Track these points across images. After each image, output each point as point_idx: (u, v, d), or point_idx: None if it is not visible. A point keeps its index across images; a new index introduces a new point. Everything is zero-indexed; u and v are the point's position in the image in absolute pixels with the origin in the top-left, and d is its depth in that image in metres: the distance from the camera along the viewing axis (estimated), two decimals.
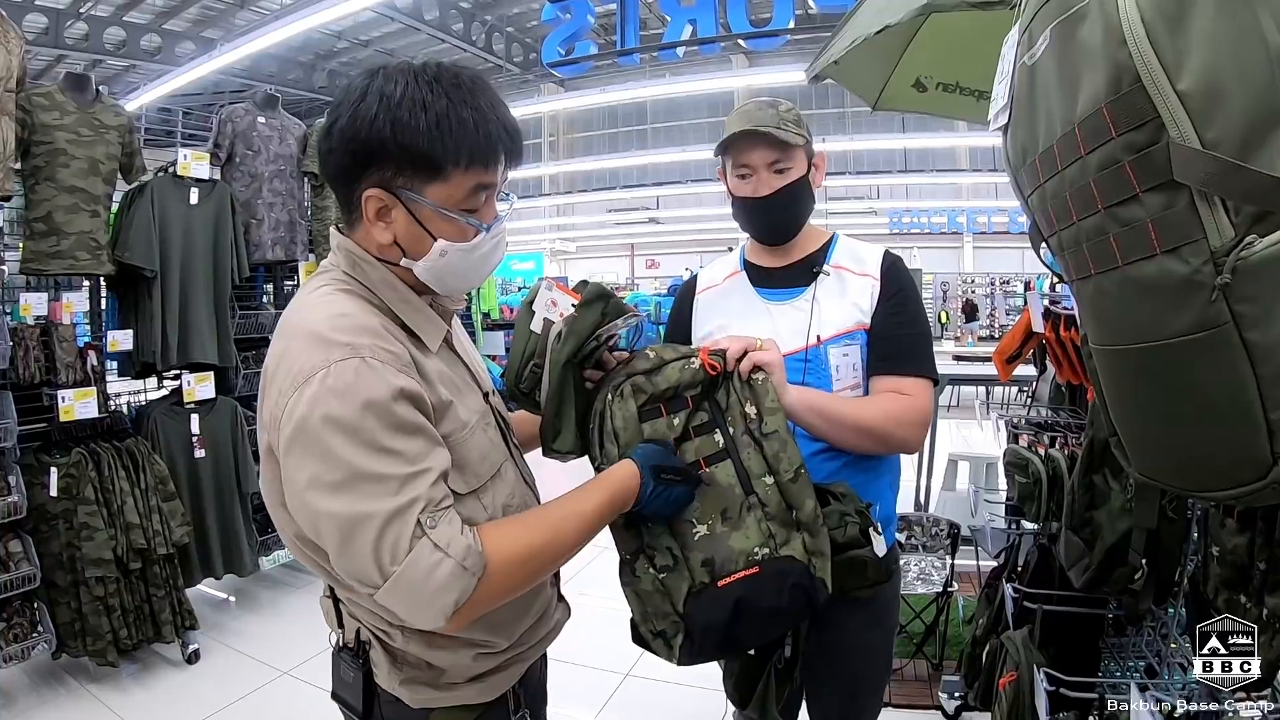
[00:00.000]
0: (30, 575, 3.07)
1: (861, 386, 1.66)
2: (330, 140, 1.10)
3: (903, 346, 1.65)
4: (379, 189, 1.09)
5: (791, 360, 1.63)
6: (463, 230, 1.13)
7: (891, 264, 1.72)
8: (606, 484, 1.21)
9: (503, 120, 1.11)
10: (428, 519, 1.00)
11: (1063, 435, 2.27)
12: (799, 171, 1.70)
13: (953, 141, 17.55)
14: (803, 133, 1.69)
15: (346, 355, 1.01)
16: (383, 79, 1.08)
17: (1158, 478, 1.02)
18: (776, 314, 1.72)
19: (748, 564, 1.27)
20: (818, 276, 1.71)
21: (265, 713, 3.13)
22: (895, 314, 1.67)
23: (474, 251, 1.16)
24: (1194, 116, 0.77)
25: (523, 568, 1.09)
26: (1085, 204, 0.91)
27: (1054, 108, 0.95)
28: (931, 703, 3.01)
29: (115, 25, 12.02)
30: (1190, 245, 0.79)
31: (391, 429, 1.01)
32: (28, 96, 3.16)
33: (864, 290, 1.68)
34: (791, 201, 1.70)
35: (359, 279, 1.15)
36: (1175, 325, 0.83)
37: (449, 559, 0.99)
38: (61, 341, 3.28)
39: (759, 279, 1.79)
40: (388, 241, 1.13)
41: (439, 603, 1.00)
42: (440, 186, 1.10)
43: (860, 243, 1.80)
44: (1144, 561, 1.57)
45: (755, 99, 1.73)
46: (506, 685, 1.27)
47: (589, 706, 3.07)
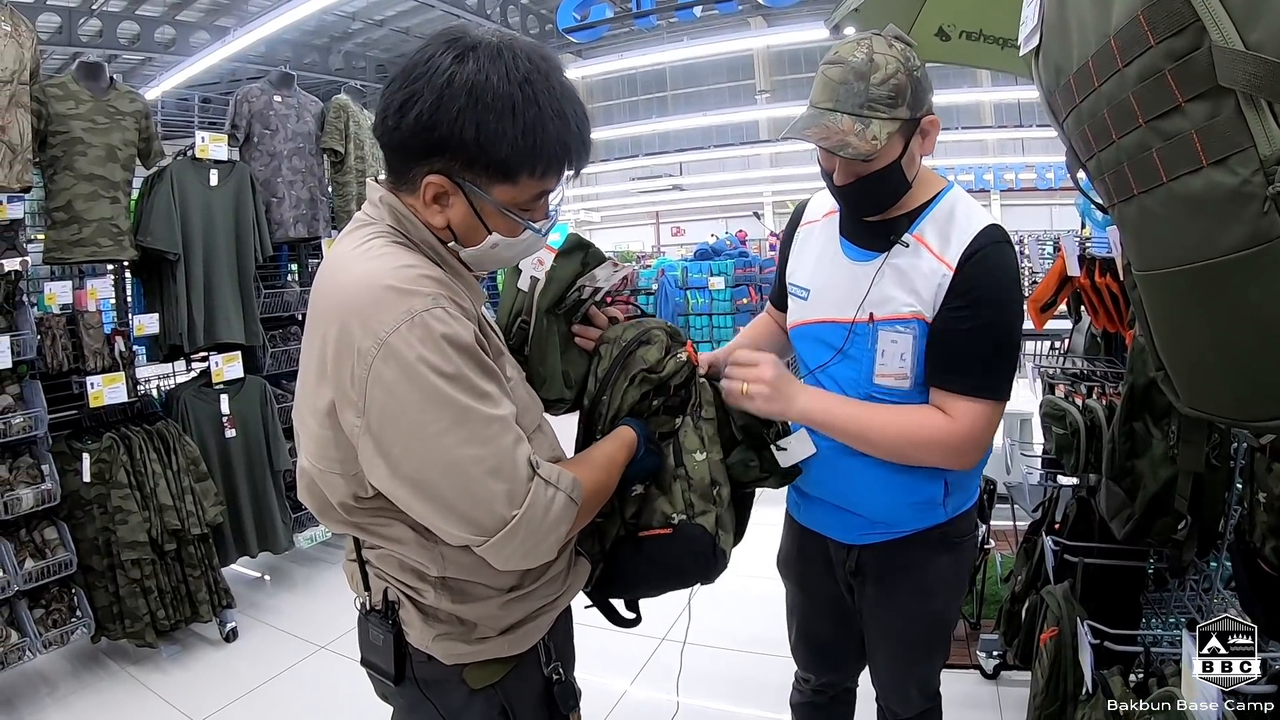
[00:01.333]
0: (67, 561, 3.11)
1: (909, 379, 1.49)
2: (403, 118, 1.03)
3: (958, 359, 1.45)
4: (443, 177, 1.06)
5: (835, 329, 1.56)
6: (515, 228, 1.13)
7: (978, 254, 1.44)
8: (624, 440, 1.32)
9: (583, 132, 1.11)
10: (532, 455, 1.06)
11: (1099, 384, 2.22)
12: (887, 158, 1.43)
13: (977, 97, 17.26)
14: (898, 112, 1.40)
15: (429, 305, 0.99)
16: (473, 66, 1.02)
17: (1212, 410, 0.96)
18: (845, 272, 1.57)
19: (663, 524, 1.37)
20: (893, 246, 1.50)
21: (304, 687, 3.17)
22: (961, 319, 1.43)
23: (520, 244, 1.16)
24: (1235, 17, 0.71)
25: (596, 499, 1.20)
26: (1125, 120, 0.86)
27: (1087, 21, 0.90)
28: (970, 661, 2.98)
29: (129, 19, 12.03)
30: (1238, 155, 0.74)
31: (480, 372, 1.03)
32: (42, 88, 3.16)
33: (931, 277, 1.46)
34: (875, 190, 1.49)
35: (407, 234, 1.12)
36: (1226, 242, 0.77)
37: (560, 493, 1.07)
38: (88, 329, 3.30)
39: (848, 228, 1.61)
40: (440, 224, 1.11)
41: (554, 535, 1.08)
42: (508, 188, 1.08)
43: (966, 209, 1.51)
44: (1188, 511, 1.51)
45: (847, 58, 1.41)
46: (536, 637, 1.27)
47: (625, 673, 3.08)
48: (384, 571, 1.21)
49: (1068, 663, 1.81)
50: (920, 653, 1.78)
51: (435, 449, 0.99)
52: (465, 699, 1.22)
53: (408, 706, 1.28)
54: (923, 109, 1.44)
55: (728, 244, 9.30)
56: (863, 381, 1.54)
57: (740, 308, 7.82)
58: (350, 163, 4.36)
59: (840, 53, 1.42)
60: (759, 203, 23.67)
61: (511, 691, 1.25)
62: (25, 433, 3.06)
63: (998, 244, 1.45)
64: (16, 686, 3.18)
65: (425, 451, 0.99)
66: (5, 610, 3.04)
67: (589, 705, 1.48)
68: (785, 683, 2.09)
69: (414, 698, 1.25)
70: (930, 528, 1.62)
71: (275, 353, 4.16)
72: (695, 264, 8.24)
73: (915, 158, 1.50)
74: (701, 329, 7.97)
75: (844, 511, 1.65)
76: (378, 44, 15.83)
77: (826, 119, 1.41)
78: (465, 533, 1.03)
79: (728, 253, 8.46)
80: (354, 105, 4.39)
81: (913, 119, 1.43)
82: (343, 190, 4.41)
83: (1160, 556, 1.92)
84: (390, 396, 0.98)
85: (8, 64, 2.89)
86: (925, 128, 1.47)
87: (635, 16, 6.94)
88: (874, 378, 1.52)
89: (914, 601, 1.69)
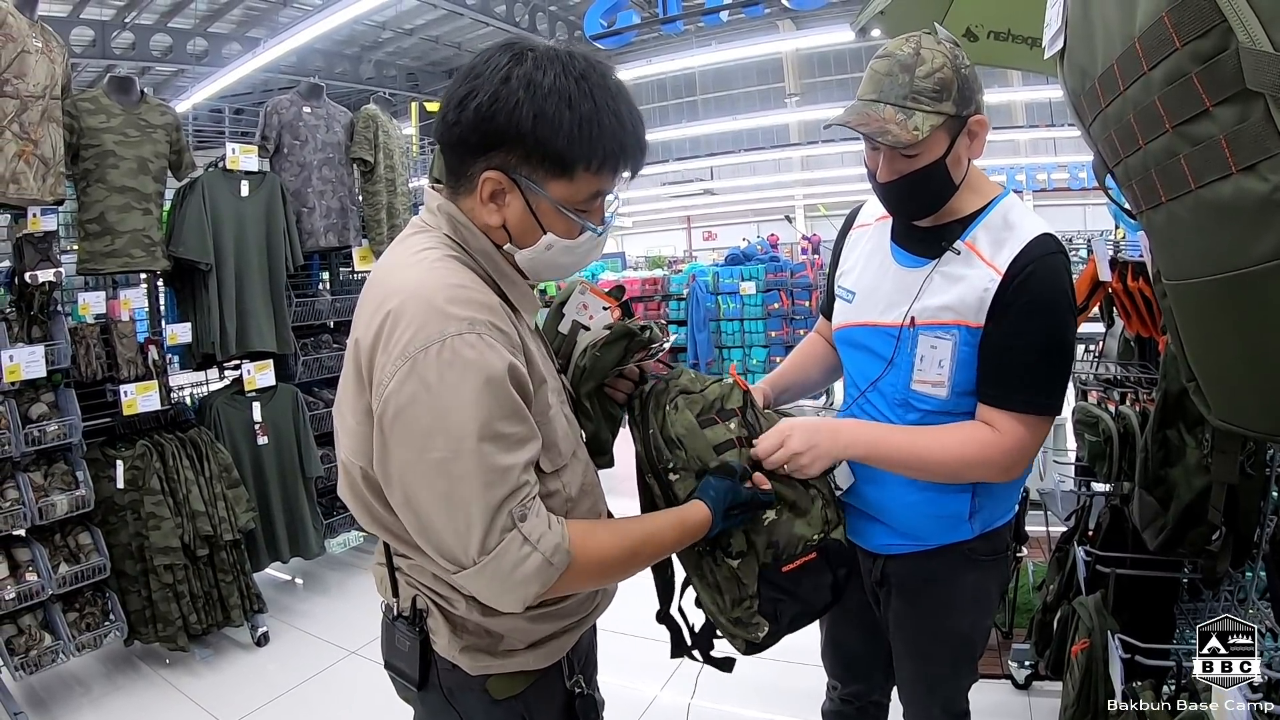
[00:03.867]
0: (100, 566, 3.16)
1: (945, 386, 1.46)
2: (463, 112, 1.06)
3: (1010, 372, 1.42)
4: (500, 172, 1.08)
5: (886, 334, 1.53)
6: (571, 228, 1.13)
7: (1030, 260, 1.39)
8: (684, 523, 1.27)
9: (638, 131, 1.12)
10: (519, 510, 1.02)
11: (1133, 391, 2.18)
12: (932, 155, 1.41)
13: (1008, 97, 17.07)
14: (943, 107, 1.37)
15: (463, 330, 1.00)
16: (531, 64, 1.05)
17: (1241, 423, 0.93)
18: (895, 279, 1.55)
19: (805, 550, 1.37)
20: (944, 252, 1.47)
21: (334, 692, 3.19)
22: (1011, 333, 1.40)
23: (576, 249, 1.15)
24: (1263, 17, 0.69)
25: (598, 572, 1.14)
26: (1151, 124, 0.84)
27: (1111, 23, 0.88)
28: (1001, 671, 2.93)
29: (161, 32, 12.21)
30: (1269, 161, 0.71)
31: (500, 411, 1.01)
32: (73, 102, 3.21)
33: (977, 284, 1.42)
34: (920, 188, 1.45)
35: (462, 244, 1.14)
36: (1257, 250, 0.75)
37: (537, 553, 1.02)
38: (121, 338, 3.35)
39: (900, 234, 1.59)
40: (496, 224, 1.12)
41: (520, 592, 1.04)
42: (564, 185, 1.09)
43: (1020, 215, 1.47)
44: (1222, 521, 1.48)
45: (894, 52, 1.40)
46: (562, 652, 1.27)
47: (654, 680, 3.06)
48: (415, 579, 1.22)
49: (1099, 676, 1.77)
50: (944, 670, 1.74)
51: (428, 474, 1.00)
52: (487, 708, 1.22)
53: (429, 712, 1.29)
54: (970, 108, 1.41)
55: (759, 249, 9.26)
56: (900, 387, 1.52)
57: (771, 313, 7.76)
58: (380, 172, 4.40)
59: (889, 48, 1.41)
60: (790, 206, 23.57)
61: (533, 703, 1.25)
62: (60, 440, 3.11)
63: (1051, 254, 1.41)
64: (51, 688, 3.23)
65: (420, 474, 1.01)
66: (40, 613, 3.09)
67: (619, 711, 1.48)
68: (815, 691, 2.07)
69: (436, 704, 1.26)
70: (956, 543, 1.58)
71: (307, 361, 4.20)
72: (726, 269, 8.19)
73: (962, 159, 1.46)
74: (733, 334, 7.92)
75: (871, 519, 1.63)
76: (408, 52, 15.96)
77: (870, 109, 1.39)
78: (437, 557, 1.05)
79: (759, 258, 8.41)
80: (383, 115, 4.42)
81: (958, 116, 1.40)
82: (372, 199, 4.45)
83: (1194, 567, 1.88)
84: (404, 411, 1.00)
85: (40, 79, 2.94)
86: (973, 128, 1.43)
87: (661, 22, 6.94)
88: (911, 383, 1.50)
89: (936, 617, 1.66)
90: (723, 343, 7.93)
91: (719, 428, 1.41)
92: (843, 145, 18.52)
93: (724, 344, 7.93)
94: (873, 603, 1.74)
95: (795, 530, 1.38)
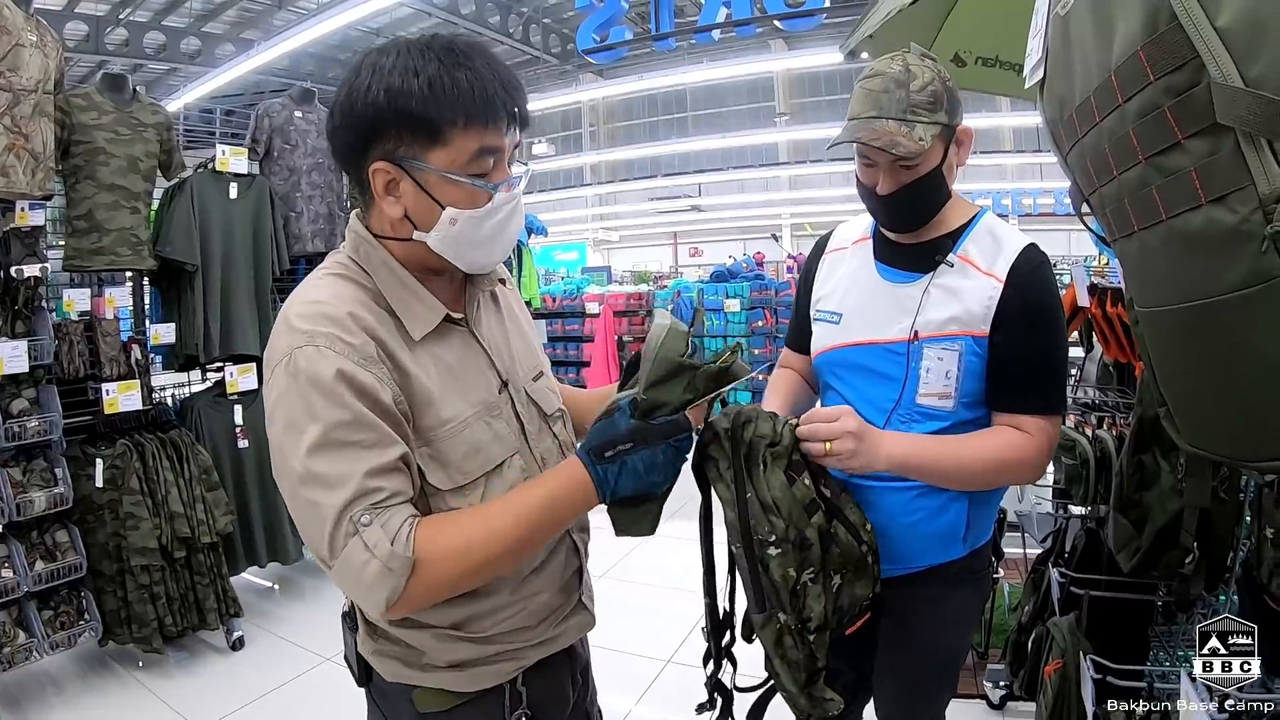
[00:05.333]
0: (77, 564, 3.14)
1: (952, 398, 1.49)
2: (334, 120, 1.10)
3: (1028, 379, 1.47)
4: (384, 161, 1.08)
5: (889, 351, 1.54)
6: (472, 196, 1.09)
7: (1026, 268, 1.46)
8: (545, 479, 1.13)
9: (501, 78, 1.07)
10: (362, 516, 1.00)
11: (1110, 415, 2.21)
12: (930, 163, 1.46)
13: (996, 122, 17.23)
14: (938, 117, 1.43)
15: (303, 343, 1.03)
16: (377, 53, 1.08)
17: (1211, 449, 0.96)
18: (887, 296, 1.57)
19: (862, 610, 1.33)
20: (938, 265, 1.51)
21: (309, 698, 3.16)
22: (1024, 341, 1.45)
23: (487, 219, 1.12)
24: (1235, 53, 0.71)
25: (457, 563, 1.05)
26: (1125, 155, 0.86)
27: (1089, 56, 0.90)
28: (977, 691, 2.94)
29: (155, 30, 12.21)
30: (1237, 193, 0.74)
31: (336, 418, 1.01)
32: (66, 98, 3.21)
33: (980, 293, 1.47)
34: (919, 198, 1.50)
35: (359, 261, 1.15)
36: (1225, 280, 0.77)
37: (375, 560, 0.99)
38: (105, 336, 3.34)
39: (883, 252, 1.62)
40: (398, 216, 1.12)
41: (370, 598, 1.02)
42: (442, 151, 1.06)
43: (1005, 229, 1.54)
44: (1195, 545, 1.50)
45: (884, 70, 1.45)
46: (493, 680, 1.22)
47: (630, 694, 3.06)
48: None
49: (1072, 696, 1.79)
50: (930, 688, 1.75)
51: (288, 480, 1.04)
52: (414, 718, 1.22)
53: (370, 709, 1.32)
54: (957, 117, 1.48)
55: (744, 267, 9.29)
56: (905, 402, 1.53)
57: (755, 330, 7.79)
58: None
59: (876, 68, 1.47)
60: (777, 225, 23.70)
61: None
62: (40, 436, 3.09)
63: (1043, 263, 1.49)
64: (24, 686, 3.20)
65: (283, 479, 1.05)
66: (14, 610, 3.07)
67: None
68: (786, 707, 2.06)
69: (372, 703, 1.30)
70: (948, 562, 1.59)
71: None
72: (711, 285, 8.22)
73: (953, 167, 1.53)
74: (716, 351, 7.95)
75: None
76: None
77: (873, 125, 1.43)
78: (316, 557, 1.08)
79: (744, 275, 8.45)
80: None
81: (950, 126, 1.47)
82: None
83: (1168, 590, 1.90)
84: (269, 424, 1.06)
85: (33, 74, 2.94)
86: (960, 137, 1.51)
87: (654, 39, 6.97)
88: (917, 398, 1.51)
89: (926, 636, 1.66)
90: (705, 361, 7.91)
91: (800, 485, 1.26)
92: (831, 166, 18.64)
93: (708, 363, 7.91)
94: None
95: (856, 591, 1.31)
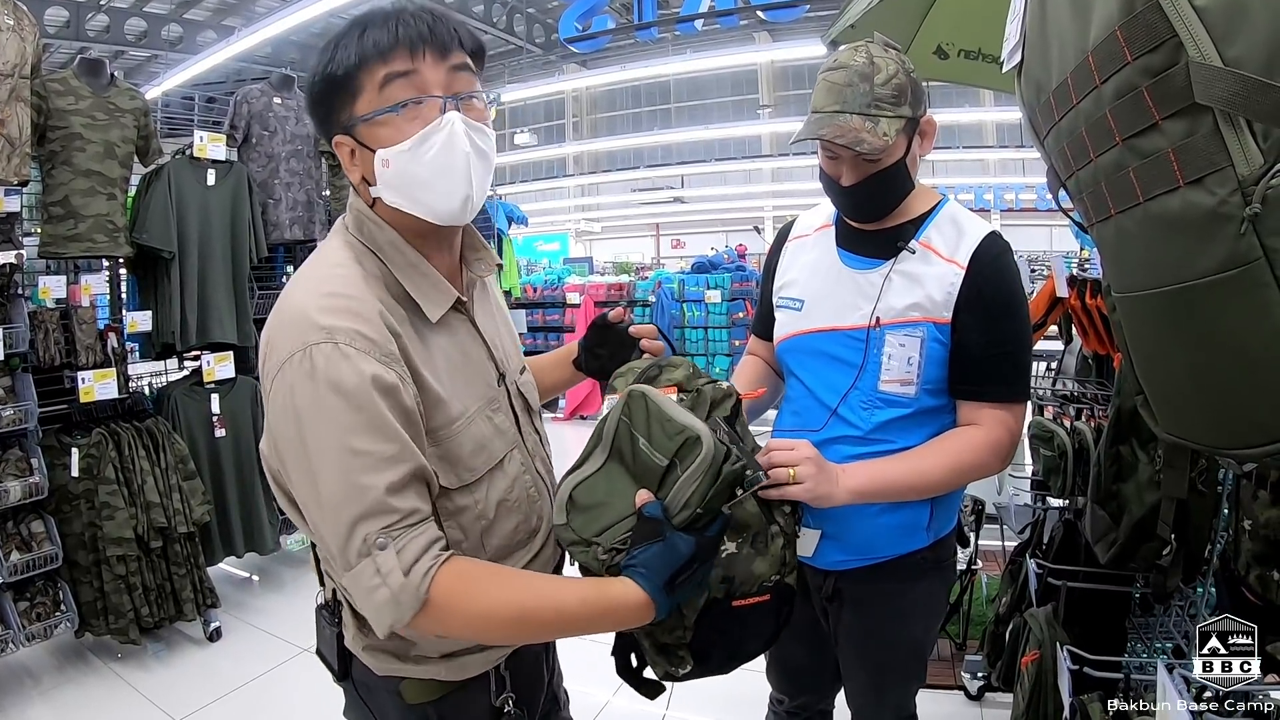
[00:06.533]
0: (52, 555, 3.10)
1: (914, 384, 1.49)
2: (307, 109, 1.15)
3: (985, 366, 1.47)
4: (338, 134, 1.10)
5: (849, 337, 1.54)
6: (397, 129, 1.05)
7: (988, 255, 1.47)
8: (607, 600, 1.03)
9: (399, 19, 1.04)
10: (379, 539, 0.97)
11: (1089, 407, 2.22)
12: (893, 156, 1.47)
13: (979, 117, 17.34)
14: (902, 110, 1.43)
15: (320, 339, 0.98)
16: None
17: (1187, 437, 0.95)
18: (849, 282, 1.57)
19: (761, 590, 1.24)
20: (900, 252, 1.52)
21: (286, 689, 3.15)
22: (982, 329, 1.46)
23: (418, 150, 1.05)
24: (1214, 33, 0.71)
25: (469, 622, 1.03)
26: (1102, 138, 0.85)
27: (1066, 38, 0.89)
28: (954, 683, 2.97)
29: (136, 16, 12.07)
30: (1216, 174, 0.73)
31: (356, 425, 0.97)
32: (43, 83, 3.16)
33: (942, 280, 1.47)
34: (882, 190, 1.51)
35: (364, 240, 1.13)
36: (1202, 264, 0.76)
37: (385, 588, 0.96)
38: (81, 324, 3.29)
39: (846, 239, 1.62)
40: (358, 180, 1.12)
41: (376, 619, 0.99)
42: (361, 99, 1.06)
43: (967, 217, 1.55)
44: (1173, 537, 1.51)
45: (848, 63, 1.44)
46: (482, 667, 1.22)
47: (606, 685, 3.05)
48: (330, 571, 1.18)
49: (1048, 687, 1.79)
50: (896, 678, 1.76)
51: (303, 480, 1.00)
52: (400, 712, 1.20)
53: (349, 703, 1.28)
54: (921, 109, 1.49)
55: (725, 258, 9.30)
56: (866, 388, 1.53)
57: (736, 322, 7.80)
58: None
59: (840, 60, 1.46)
60: (759, 217, 23.71)
61: (450, 714, 1.21)
62: (15, 425, 3.05)
63: (1005, 251, 1.50)
64: None
65: (298, 479, 1.01)
66: None
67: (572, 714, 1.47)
68: (762, 697, 2.06)
69: (353, 697, 1.26)
70: (910, 553, 1.59)
71: None
72: (693, 277, 8.23)
73: (916, 159, 1.54)
74: (697, 342, 7.95)
75: (823, 537, 1.60)
76: None
77: (837, 120, 1.43)
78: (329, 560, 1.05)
79: (725, 266, 8.46)
80: None
81: (914, 119, 1.47)
82: (340, 194, 4.42)
83: (1145, 582, 1.91)
84: (276, 418, 1.02)
85: (9, 58, 2.89)
86: (924, 128, 1.51)
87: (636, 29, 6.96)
88: (880, 384, 1.51)
89: (891, 627, 1.66)
90: (687, 350, 7.94)
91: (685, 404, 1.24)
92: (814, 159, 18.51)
93: (688, 352, 7.94)
94: (822, 618, 1.73)
95: (754, 568, 1.23)
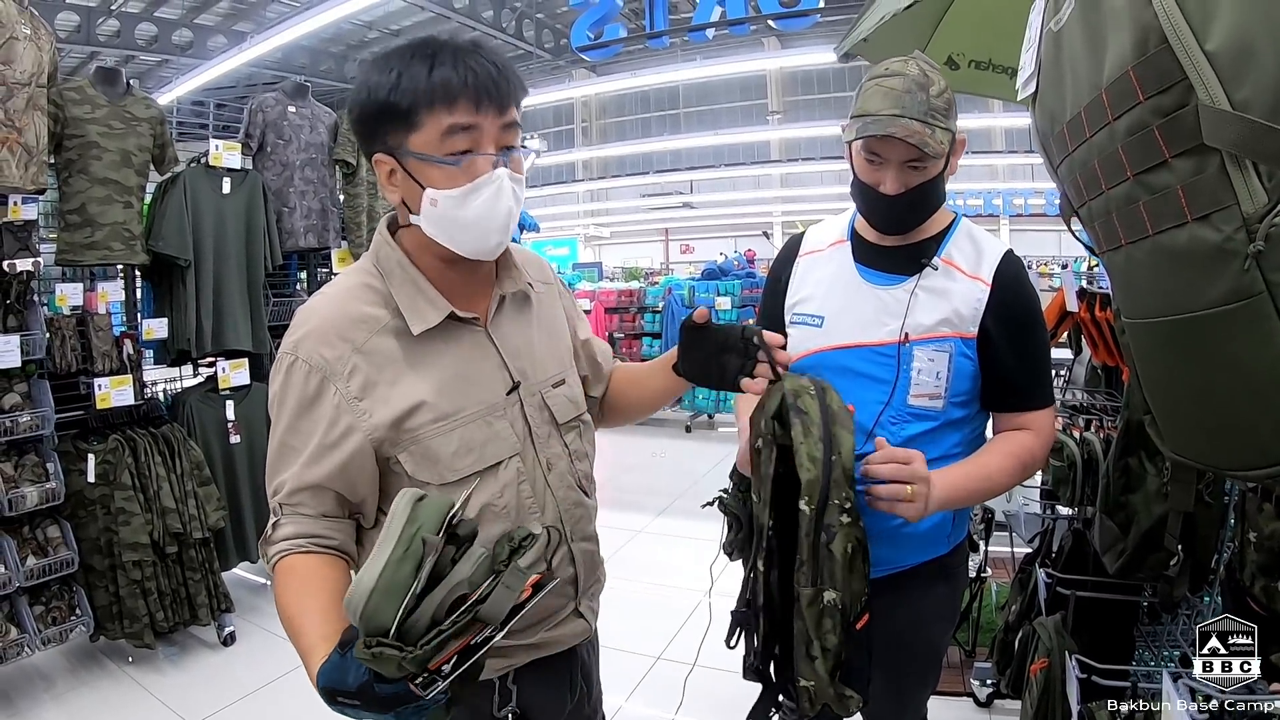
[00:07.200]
0: (68, 560, 3.13)
1: (942, 398, 1.51)
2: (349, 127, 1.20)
3: (1028, 379, 1.54)
4: (381, 152, 1.16)
5: (877, 353, 1.55)
6: (451, 177, 1.12)
7: (1010, 273, 1.52)
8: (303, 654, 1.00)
9: (469, 64, 1.10)
10: (278, 506, 1.18)
11: (1098, 418, 2.23)
12: (937, 168, 1.49)
13: (988, 122, 17.29)
14: (951, 124, 1.45)
15: (289, 349, 1.18)
16: (369, 59, 1.18)
17: (1192, 457, 0.98)
18: (872, 298, 1.57)
19: (865, 605, 1.29)
20: (923, 268, 1.54)
21: (300, 694, 3.12)
22: (1013, 338, 1.51)
23: (467, 199, 1.13)
24: (1223, 77, 0.73)
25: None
26: (1114, 171, 0.88)
27: (1081, 73, 0.92)
28: (964, 689, 2.98)
29: (147, 21, 12.12)
30: (1222, 212, 0.76)
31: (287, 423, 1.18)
32: (59, 91, 3.20)
33: (969, 296, 1.51)
34: (922, 201, 1.53)
35: (378, 265, 1.24)
36: (1208, 296, 0.79)
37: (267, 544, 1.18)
38: (97, 331, 3.33)
39: (863, 255, 1.62)
40: (397, 201, 1.20)
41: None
42: (418, 135, 1.12)
43: (982, 234, 1.60)
44: (1179, 547, 1.53)
45: (903, 72, 1.45)
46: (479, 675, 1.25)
47: (620, 690, 3.08)
48: None
49: (1057, 695, 1.81)
50: (914, 682, 1.78)
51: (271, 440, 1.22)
52: None
53: None
54: (957, 127, 1.51)
55: (735, 264, 9.32)
56: (896, 404, 1.53)
57: None
58: (362, 174, 4.38)
59: (893, 68, 1.47)
60: (768, 223, 23.73)
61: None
62: (32, 431, 3.09)
63: (1022, 268, 1.56)
64: (15, 682, 3.20)
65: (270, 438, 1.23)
66: (6, 606, 3.07)
67: None
68: None
69: None
70: (930, 560, 1.61)
71: None
72: (702, 283, 8.24)
73: (944, 181, 1.56)
74: None
75: None
76: None
77: (900, 122, 1.42)
78: None
79: (735, 273, 8.48)
80: None
81: (954, 134, 1.49)
82: (353, 202, 4.43)
83: (1153, 591, 1.92)
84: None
85: (26, 67, 2.93)
86: (957, 147, 1.53)
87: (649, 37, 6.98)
88: (909, 399, 1.52)
89: (910, 633, 1.67)
90: None
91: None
92: (823, 164, 18.67)
93: None
94: None
95: (854, 586, 1.26)
